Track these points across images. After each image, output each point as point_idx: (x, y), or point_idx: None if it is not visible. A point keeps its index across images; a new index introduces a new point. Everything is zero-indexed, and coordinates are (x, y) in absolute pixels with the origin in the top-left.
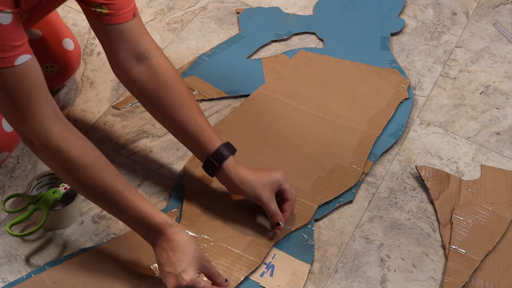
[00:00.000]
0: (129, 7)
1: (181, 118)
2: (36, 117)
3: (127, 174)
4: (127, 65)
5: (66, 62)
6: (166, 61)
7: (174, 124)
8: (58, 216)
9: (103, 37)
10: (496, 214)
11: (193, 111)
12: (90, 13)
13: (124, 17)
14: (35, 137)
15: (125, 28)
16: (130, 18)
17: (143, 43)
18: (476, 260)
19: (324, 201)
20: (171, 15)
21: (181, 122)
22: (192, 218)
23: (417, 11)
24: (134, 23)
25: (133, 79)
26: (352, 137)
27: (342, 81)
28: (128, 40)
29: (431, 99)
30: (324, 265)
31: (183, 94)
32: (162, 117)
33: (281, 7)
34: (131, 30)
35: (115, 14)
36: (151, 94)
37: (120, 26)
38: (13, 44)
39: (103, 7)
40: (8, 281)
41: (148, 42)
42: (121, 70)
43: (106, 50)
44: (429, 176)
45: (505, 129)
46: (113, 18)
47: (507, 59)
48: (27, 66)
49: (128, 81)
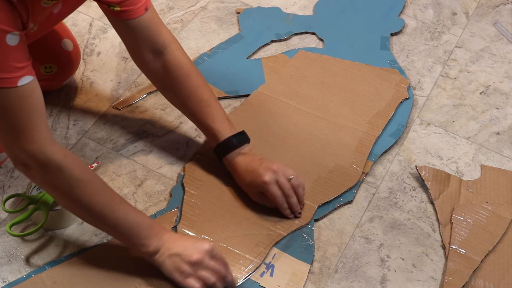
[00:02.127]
0: (140, 2)
1: (191, 111)
2: (36, 139)
3: (127, 174)
4: (145, 60)
5: (65, 62)
6: (180, 55)
7: (188, 113)
8: (58, 216)
9: (122, 34)
10: (496, 214)
11: (200, 105)
12: (108, 12)
13: (135, 12)
14: (33, 159)
15: (137, 23)
16: (142, 13)
17: (158, 38)
18: (476, 260)
19: (324, 201)
20: (171, 15)
21: (192, 115)
22: (192, 218)
23: (417, 11)
24: (146, 18)
25: (151, 73)
26: (352, 137)
27: (342, 81)
28: (143, 35)
29: (431, 99)
30: (324, 265)
31: (192, 89)
32: (178, 107)
33: (281, 7)
34: (144, 25)
35: (127, 11)
36: (166, 86)
37: (132, 21)
38: (17, 66)
39: (116, 6)
40: (8, 281)
41: (164, 37)
42: (140, 64)
43: (126, 46)
44: (429, 176)
45: (505, 129)
46: (125, 14)
47: (507, 59)
48: (29, 88)
49: (147, 73)
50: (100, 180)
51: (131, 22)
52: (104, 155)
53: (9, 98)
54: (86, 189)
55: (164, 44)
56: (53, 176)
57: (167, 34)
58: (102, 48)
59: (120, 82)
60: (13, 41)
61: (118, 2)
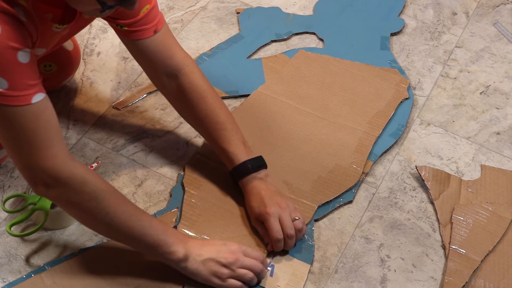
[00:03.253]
0: (150, 23)
1: (207, 133)
2: (57, 155)
3: (127, 174)
4: (160, 82)
5: (65, 62)
6: (195, 78)
7: (205, 135)
8: (57, 216)
9: (134, 55)
10: (496, 214)
11: (215, 128)
12: (117, 31)
13: (143, 33)
14: (56, 177)
15: (148, 45)
16: (150, 35)
17: (171, 62)
18: (476, 260)
19: (324, 201)
20: (171, 15)
21: (207, 137)
22: (192, 218)
23: (417, 11)
24: (156, 41)
25: (168, 94)
26: (352, 137)
27: (342, 81)
28: (154, 58)
29: (431, 99)
30: (324, 265)
31: (207, 113)
32: (195, 127)
33: (281, 7)
34: (154, 48)
35: (135, 31)
36: (182, 108)
37: (141, 42)
38: (30, 83)
39: (123, 25)
40: (8, 281)
41: (177, 60)
42: (157, 85)
43: (142, 67)
44: (429, 176)
45: (505, 129)
46: (133, 35)
47: (507, 59)
48: (43, 105)
49: (165, 95)
50: (118, 192)
51: (140, 43)
52: (104, 155)
53: (25, 116)
54: (111, 200)
55: (178, 67)
56: (77, 191)
57: (181, 57)
58: (102, 48)
59: (120, 82)
60: (24, 58)
61: (127, 24)
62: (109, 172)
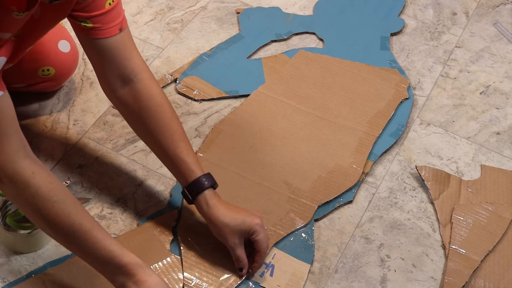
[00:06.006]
0: (116, 21)
1: (161, 144)
2: (4, 150)
3: (127, 174)
4: (113, 86)
5: (62, 65)
6: (152, 84)
7: (155, 148)
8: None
9: (90, 53)
10: (496, 214)
11: (173, 138)
12: (78, 28)
13: (107, 31)
14: (1, 171)
15: (108, 44)
16: (115, 33)
17: (129, 64)
18: (476, 260)
19: (324, 201)
20: (171, 15)
21: (162, 149)
22: (192, 218)
23: (417, 11)
24: (119, 39)
25: (118, 100)
26: (352, 137)
27: (342, 81)
28: (111, 58)
29: (431, 99)
30: (324, 265)
31: (165, 122)
32: (145, 140)
33: (281, 7)
34: (115, 46)
35: (100, 28)
36: (134, 117)
37: (103, 41)
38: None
39: (87, 21)
40: (8, 281)
41: (135, 63)
42: (108, 89)
43: (95, 68)
44: (429, 176)
45: (505, 129)
46: (96, 33)
47: (507, 59)
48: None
49: (114, 101)
50: (72, 203)
51: (102, 42)
52: (104, 155)
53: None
54: (52, 210)
55: (134, 71)
56: (19, 190)
57: (139, 61)
58: None
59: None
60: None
61: (89, 17)
62: (109, 172)
